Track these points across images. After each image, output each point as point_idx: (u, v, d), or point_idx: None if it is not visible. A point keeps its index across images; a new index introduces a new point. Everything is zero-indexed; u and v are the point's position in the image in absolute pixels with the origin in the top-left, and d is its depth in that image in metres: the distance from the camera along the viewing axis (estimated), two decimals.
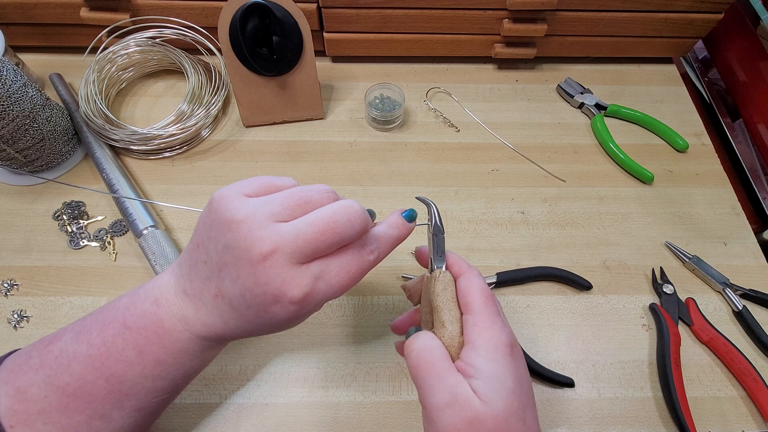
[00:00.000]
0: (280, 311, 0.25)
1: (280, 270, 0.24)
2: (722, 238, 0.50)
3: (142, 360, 0.27)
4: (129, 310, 0.28)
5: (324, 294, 0.26)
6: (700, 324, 0.44)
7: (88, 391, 0.26)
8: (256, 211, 0.25)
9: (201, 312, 0.27)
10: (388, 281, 0.46)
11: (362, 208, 0.27)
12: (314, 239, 0.24)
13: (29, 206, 0.49)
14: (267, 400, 0.40)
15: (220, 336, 0.28)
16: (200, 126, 0.53)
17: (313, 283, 0.25)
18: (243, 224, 0.24)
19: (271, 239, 0.24)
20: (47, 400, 0.26)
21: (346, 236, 0.26)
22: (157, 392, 0.28)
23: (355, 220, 0.26)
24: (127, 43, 0.55)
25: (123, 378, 0.27)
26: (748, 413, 0.41)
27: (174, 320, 0.27)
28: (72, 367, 0.27)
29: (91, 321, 0.28)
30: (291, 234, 0.24)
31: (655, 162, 0.55)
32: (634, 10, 0.56)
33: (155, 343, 0.27)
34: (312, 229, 0.24)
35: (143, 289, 0.29)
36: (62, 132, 0.49)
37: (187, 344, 0.28)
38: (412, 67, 0.62)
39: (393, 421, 0.40)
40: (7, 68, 0.43)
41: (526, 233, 0.50)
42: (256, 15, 0.46)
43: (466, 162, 0.54)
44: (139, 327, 0.27)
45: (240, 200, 0.25)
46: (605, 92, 0.61)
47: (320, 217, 0.25)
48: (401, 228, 0.30)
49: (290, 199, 0.26)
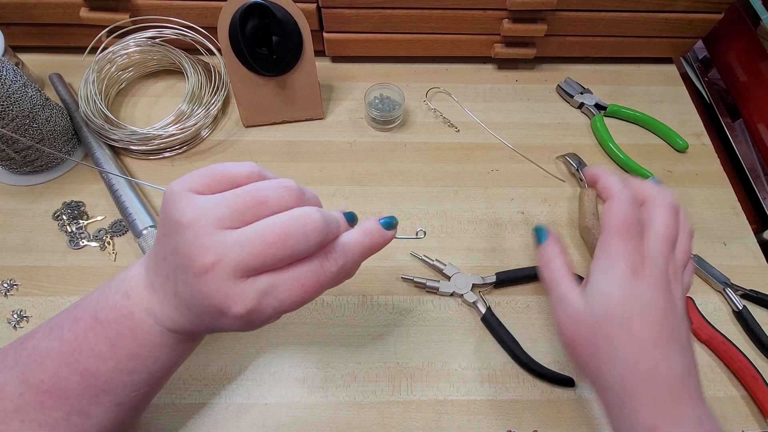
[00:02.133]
0: (230, 323, 0.24)
1: (221, 284, 0.22)
2: (722, 238, 0.50)
3: (115, 354, 0.26)
4: (100, 303, 0.27)
5: (274, 309, 0.24)
6: (698, 323, 0.44)
7: (62, 387, 0.26)
8: (203, 215, 0.23)
9: (166, 307, 0.26)
10: (388, 281, 0.46)
11: (322, 218, 0.24)
12: (261, 253, 0.22)
13: (29, 206, 0.49)
14: (267, 400, 0.40)
15: (189, 331, 0.27)
16: (200, 126, 0.53)
17: (260, 298, 0.23)
18: (188, 230, 0.22)
19: (214, 250, 0.22)
20: (23, 398, 0.26)
21: (299, 250, 0.23)
22: (135, 386, 0.27)
23: (311, 233, 0.23)
24: (127, 43, 0.55)
25: (97, 373, 0.26)
26: (748, 413, 0.41)
27: (144, 313, 0.26)
28: (45, 364, 0.26)
29: (64, 316, 0.28)
30: (236, 246, 0.22)
31: (655, 162, 0.55)
32: (634, 10, 0.56)
33: (127, 337, 0.26)
34: (260, 242, 0.22)
35: (114, 281, 0.28)
36: (62, 132, 0.49)
37: (159, 337, 0.27)
38: (412, 67, 0.62)
39: (393, 421, 0.40)
40: (7, 68, 0.43)
41: (526, 233, 0.50)
42: (256, 15, 0.46)
43: (466, 162, 0.54)
44: (110, 320, 0.26)
45: (188, 199, 0.23)
46: (605, 92, 0.61)
47: (270, 228, 0.23)
48: (376, 236, 0.27)
49: (242, 201, 0.23)
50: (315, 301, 0.45)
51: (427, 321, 0.44)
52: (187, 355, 0.30)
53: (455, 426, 0.39)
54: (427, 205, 0.51)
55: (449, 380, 0.41)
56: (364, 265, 0.46)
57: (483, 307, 0.44)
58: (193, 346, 0.30)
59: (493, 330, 0.43)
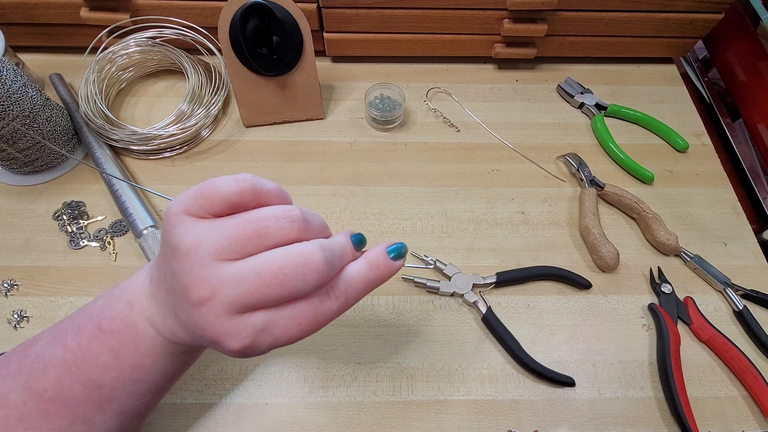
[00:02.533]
0: (226, 352, 0.23)
1: (215, 319, 0.22)
2: (722, 238, 0.50)
3: (118, 364, 0.26)
4: (103, 312, 0.27)
5: (270, 345, 0.23)
6: (699, 323, 0.44)
7: (66, 396, 0.26)
8: (200, 243, 0.22)
9: (167, 321, 0.25)
10: (388, 281, 0.46)
11: (323, 259, 0.23)
12: (257, 292, 0.21)
13: (29, 206, 0.49)
14: (267, 400, 0.40)
15: (189, 345, 0.26)
16: (200, 126, 0.53)
17: (255, 335, 0.22)
18: (186, 258, 0.22)
19: (210, 284, 0.21)
20: (26, 406, 0.26)
21: (297, 291, 0.22)
22: (138, 395, 0.27)
23: (309, 274, 0.22)
24: (127, 43, 0.55)
25: (101, 383, 0.26)
26: (748, 413, 0.41)
27: (146, 324, 0.26)
28: (48, 372, 0.26)
29: (68, 324, 0.28)
30: (232, 282, 0.21)
31: (655, 162, 0.55)
32: (634, 10, 0.56)
33: (130, 347, 0.26)
34: (256, 280, 0.21)
35: (118, 289, 0.28)
36: (62, 132, 0.49)
37: (162, 348, 0.26)
38: (412, 67, 0.62)
39: (393, 421, 0.40)
40: (7, 68, 0.43)
41: (526, 233, 0.50)
42: (256, 15, 0.46)
43: (466, 162, 0.54)
44: (113, 330, 0.26)
45: (186, 225, 0.22)
46: (605, 92, 0.61)
47: (268, 268, 0.22)
48: (382, 269, 0.26)
49: (241, 231, 0.22)
50: None
51: (428, 321, 0.44)
52: (190, 364, 0.30)
53: (455, 426, 0.39)
54: (427, 205, 0.51)
55: (449, 380, 0.41)
56: None
57: (483, 307, 0.44)
58: (195, 356, 0.30)
59: (494, 330, 0.43)
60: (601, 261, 0.46)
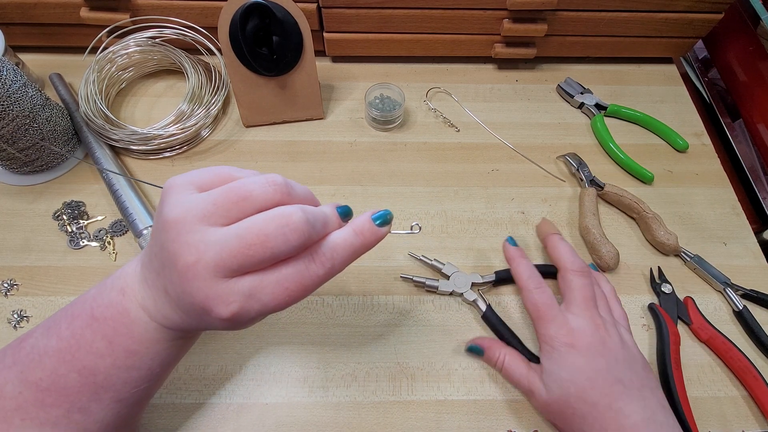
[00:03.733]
0: (215, 323, 0.24)
1: (203, 283, 0.22)
2: (722, 238, 0.50)
3: (112, 351, 0.26)
4: (96, 300, 0.27)
5: (257, 312, 0.23)
6: (699, 323, 0.44)
7: (62, 384, 0.26)
8: (189, 211, 0.23)
9: (159, 304, 0.26)
10: (388, 281, 0.46)
11: (304, 218, 0.23)
12: (240, 254, 0.22)
13: (29, 206, 0.49)
14: (267, 400, 0.40)
15: (182, 328, 0.27)
16: (200, 126, 0.53)
17: (243, 301, 0.23)
18: (174, 226, 0.22)
19: (196, 248, 0.22)
20: (22, 396, 0.26)
21: (280, 251, 0.23)
22: (134, 382, 0.27)
23: (290, 234, 0.22)
24: (127, 43, 0.55)
25: (95, 370, 0.26)
26: (748, 413, 0.41)
27: (139, 310, 0.26)
28: (43, 362, 0.26)
29: (61, 315, 0.28)
30: (216, 245, 0.22)
31: (655, 162, 0.55)
32: (634, 10, 0.56)
33: (123, 334, 0.26)
34: (239, 243, 0.22)
35: (111, 279, 0.28)
36: (62, 132, 0.49)
37: (155, 333, 0.27)
38: (412, 67, 0.62)
39: (393, 421, 0.40)
40: (7, 68, 0.43)
41: (526, 233, 0.50)
42: (256, 15, 0.46)
43: (466, 162, 0.54)
44: (106, 317, 0.26)
45: (181, 195, 0.23)
46: (605, 92, 0.61)
47: (249, 229, 0.22)
48: (368, 235, 0.26)
49: (227, 196, 0.23)
50: (315, 301, 0.45)
51: (428, 321, 0.44)
52: (185, 350, 0.30)
53: (456, 426, 0.39)
54: (427, 205, 0.51)
55: (450, 380, 0.41)
56: (364, 266, 0.47)
57: (483, 305, 0.44)
58: (190, 343, 0.30)
59: (494, 328, 0.43)
60: (601, 261, 0.46)
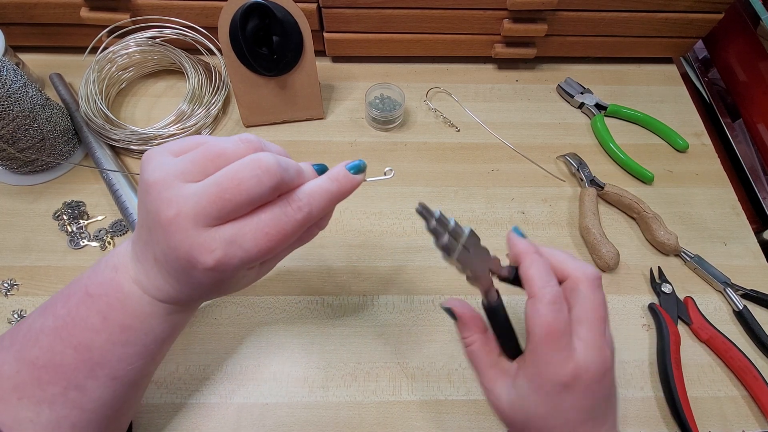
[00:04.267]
0: (202, 277, 0.24)
1: (185, 234, 0.23)
2: (722, 238, 0.50)
3: (107, 326, 0.26)
4: (90, 279, 0.28)
5: (240, 259, 0.24)
6: (699, 323, 0.44)
7: (58, 362, 0.26)
8: (168, 171, 0.23)
9: (150, 275, 0.26)
10: (388, 281, 0.46)
11: (275, 161, 0.24)
12: (217, 198, 0.23)
13: (29, 206, 0.49)
14: (267, 400, 0.40)
15: (176, 299, 0.27)
16: (200, 126, 0.53)
17: (225, 248, 0.23)
18: (154, 186, 0.23)
19: (175, 201, 0.23)
20: (20, 375, 0.26)
21: (255, 194, 0.23)
22: (129, 359, 0.28)
23: (262, 175, 0.23)
24: (127, 43, 0.55)
25: (91, 346, 0.26)
26: (748, 413, 0.41)
27: (132, 284, 0.27)
28: (40, 340, 0.26)
29: (57, 296, 0.28)
30: (195, 195, 0.23)
31: (655, 162, 0.55)
32: (634, 10, 0.56)
33: (118, 309, 0.27)
34: (215, 188, 0.23)
35: (105, 258, 0.28)
36: (62, 132, 0.49)
37: (149, 307, 0.27)
38: (412, 67, 0.62)
39: (393, 421, 0.40)
40: (7, 68, 0.43)
41: (526, 233, 0.49)
42: (256, 15, 0.46)
43: (466, 162, 0.54)
44: (100, 294, 0.27)
45: (159, 159, 0.24)
46: (605, 92, 0.61)
47: (224, 174, 0.23)
48: (342, 182, 0.27)
49: (203, 154, 0.24)
50: (315, 301, 0.45)
51: (428, 320, 0.44)
52: (180, 327, 0.30)
53: (456, 426, 0.39)
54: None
55: (450, 380, 0.41)
56: (365, 266, 0.47)
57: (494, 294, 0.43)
58: (184, 318, 0.30)
59: (495, 327, 0.42)
60: (601, 261, 0.46)
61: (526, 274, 0.29)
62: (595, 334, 0.27)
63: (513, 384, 0.28)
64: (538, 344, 0.27)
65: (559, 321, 0.26)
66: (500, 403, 0.29)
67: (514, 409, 0.28)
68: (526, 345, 0.28)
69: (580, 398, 0.26)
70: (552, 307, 0.26)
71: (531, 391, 0.27)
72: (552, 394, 0.26)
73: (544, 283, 0.27)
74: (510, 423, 0.29)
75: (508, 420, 0.29)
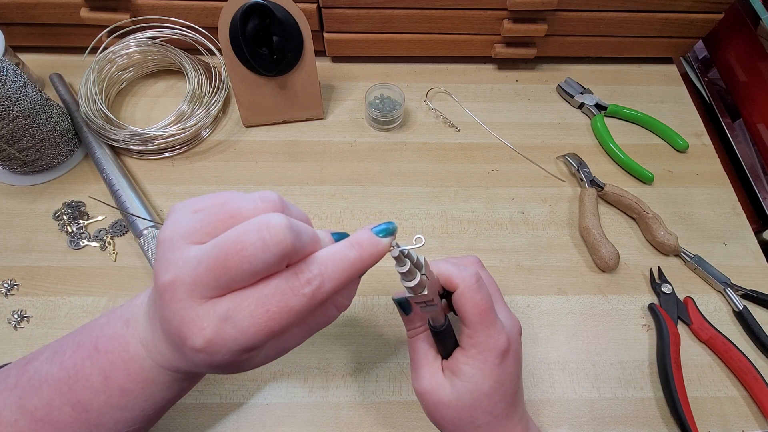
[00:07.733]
0: (192, 356, 0.21)
1: (178, 305, 0.20)
2: (722, 238, 0.50)
3: (107, 388, 0.25)
4: (103, 330, 0.26)
5: (235, 340, 0.20)
6: (699, 323, 0.44)
7: (55, 417, 0.25)
8: (176, 230, 0.21)
9: (156, 338, 0.23)
10: (388, 281, 0.46)
11: (286, 224, 0.20)
12: (216, 266, 0.19)
13: (29, 206, 0.49)
14: (267, 400, 0.40)
15: (177, 368, 0.24)
16: (200, 126, 0.53)
17: (218, 325, 0.20)
18: (161, 245, 0.21)
19: (174, 264, 0.20)
20: (17, 425, 0.25)
21: (259, 261, 0.19)
22: (127, 423, 0.26)
23: (270, 240, 0.19)
24: (127, 43, 0.55)
25: (89, 406, 0.25)
26: (748, 413, 0.41)
27: (138, 345, 0.24)
28: (42, 390, 0.25)
29: (70, 340, 0.27)
30: (194, 260, 0.20)
31: (655, 162, 0.55)
32: (634, 10, 0.56)
33: (120, 370, 0.25)
34: (215, 252, 0.19)
35: (121, 308, 0.27)
36: (62, 132, 0.49)
37: (151, 373, 0.25)
38: (412, 67, 0.62)
39: (393, 421, 0.40)
40: (7, 68, 0.43)
41: (526, 233, 0.50)
42: (256, 15, 0.46)
43: (466, 162, 0.54)
44: (107, 350, 0.25)
45: (177, 216, 0.22)
46: (605, 92, 0.61)
47: (228, 237, 0.20)
48: (365, 247, 0.23)
49: (215, 214, 0.21)
50: None
51: None
52: (180, 395, 0.28)
53: None
54: (427, 205, 0.51)
55: None
56: None
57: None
58: (188, 386, 0.28)
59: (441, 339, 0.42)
60: (601, 261, 0.46)
61: (439, 272, 0.29)
62: (502, 305, 0.31)
63: (458, 373, 0.29)
64: (477, 325, 0.28)
65: (487, 298, 0.28)
66: (442, 396, 0.29)
67: (461, 397, 0.28)
68: (461, 335, 0.29)
69: (514, 363, 0.30)
70: (476, 287, 0.28)
71: (477, 370, 0.28)
72: (495, 365, 0.28)
73: (459, 271, 0.28)
74: (449, 417, 0.29)
75: (448, 414, 0.29)
